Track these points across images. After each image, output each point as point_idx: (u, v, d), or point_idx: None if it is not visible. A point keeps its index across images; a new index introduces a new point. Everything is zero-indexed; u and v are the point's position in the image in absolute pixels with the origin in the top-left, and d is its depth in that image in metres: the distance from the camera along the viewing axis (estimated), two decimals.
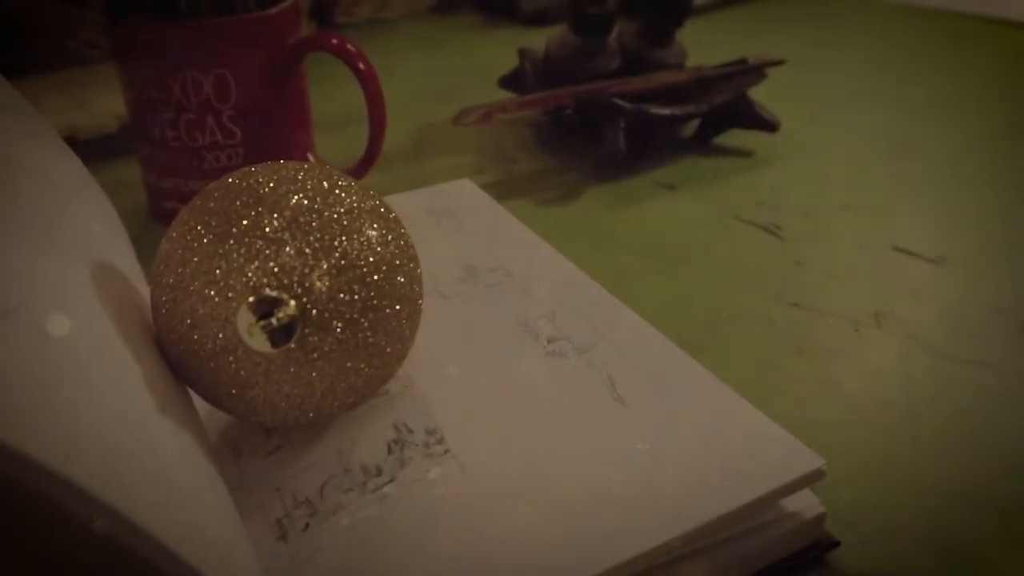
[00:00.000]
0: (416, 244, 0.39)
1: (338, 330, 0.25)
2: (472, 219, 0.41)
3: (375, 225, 0.26)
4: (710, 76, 0.56)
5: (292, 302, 0.24)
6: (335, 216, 0.25)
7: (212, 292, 0.24)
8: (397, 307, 0.26)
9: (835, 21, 0.84)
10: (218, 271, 0.24)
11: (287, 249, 0.24)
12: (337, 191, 0.26)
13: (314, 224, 0.25)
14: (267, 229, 0.24)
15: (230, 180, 0.26)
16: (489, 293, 0.35)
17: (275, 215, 0.25)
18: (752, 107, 0.55)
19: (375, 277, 0.25)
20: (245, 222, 0.25)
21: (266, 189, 0.25)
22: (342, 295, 0.24)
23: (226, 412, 0.27)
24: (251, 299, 0.23)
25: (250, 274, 0.24)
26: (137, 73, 0.44)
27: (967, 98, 0.65)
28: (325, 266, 0.24)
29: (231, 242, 0.24)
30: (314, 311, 0.24)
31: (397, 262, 0.26)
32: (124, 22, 0.43)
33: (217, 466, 0.25)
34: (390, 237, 0.26)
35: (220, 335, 0.24)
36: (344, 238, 0.25)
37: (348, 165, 0.48)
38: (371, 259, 0.25)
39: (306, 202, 0.25)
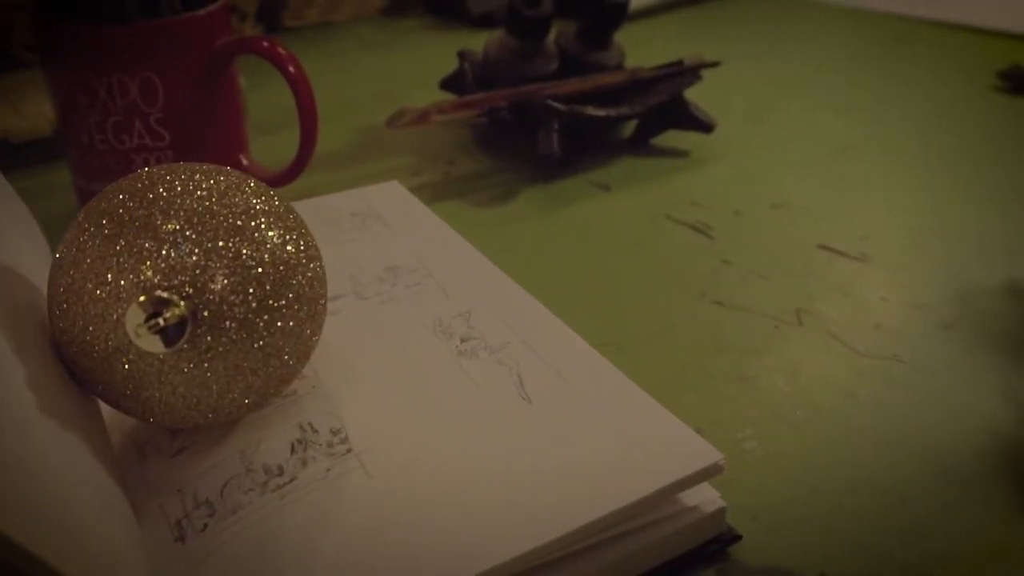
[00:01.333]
0: (338, 246, 0.39)
1: (231, 330, 0.25)
2: (397, 221, 0.41)
3: (273, 226, 0.26)
4: (646, 78, 0.56)
5: (182, 303, 0.24)
6: (230, 217, 0.25)
7: (103, 293, 0.24)
8: (295, 307, 0.26)
9: (777, 23, 0.85)
10: (109, 272, 0.24)
11: (180, 250, 0.24)
12: (234, 192, 0.26)
13: (209, 225, 0.25)
14: (160, 230, 0.24)
15: (125, 182, 0.26)
16: (408, 294, 0.35)
17: (169, 216, 0.25)
18: (688, 108, 0.56)
19: (271, 278, 0.25)
20: (138, 223, 0.25)
21: (161, 190, 0.25)
22: (234, 296, 0.24)
23: (125, 413, 0.27)
24: (141, 299, 0.23)
25: (140, 275, 0.24)
26: (63, 75, 0.44)
27: (904, 99, 0.66)
28: (218, 266, 0.24)
29: (122, 243, 0.24)
30: (206, 311, 0.24)
31: (294, 262, 0.26)
32: (49, 24, 0.43)
33: (112, 468, 0.25)
34: (289, 238, 0.26)
35: (112, 336, 0.24)
36: (238, 239, 0.25)
37: (283, 167, 0.48)
38: (267, 259, 0.25)
39: (202, 203, 0.25)
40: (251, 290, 0.25)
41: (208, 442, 0.28)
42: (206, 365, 0.25)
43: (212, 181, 0.26)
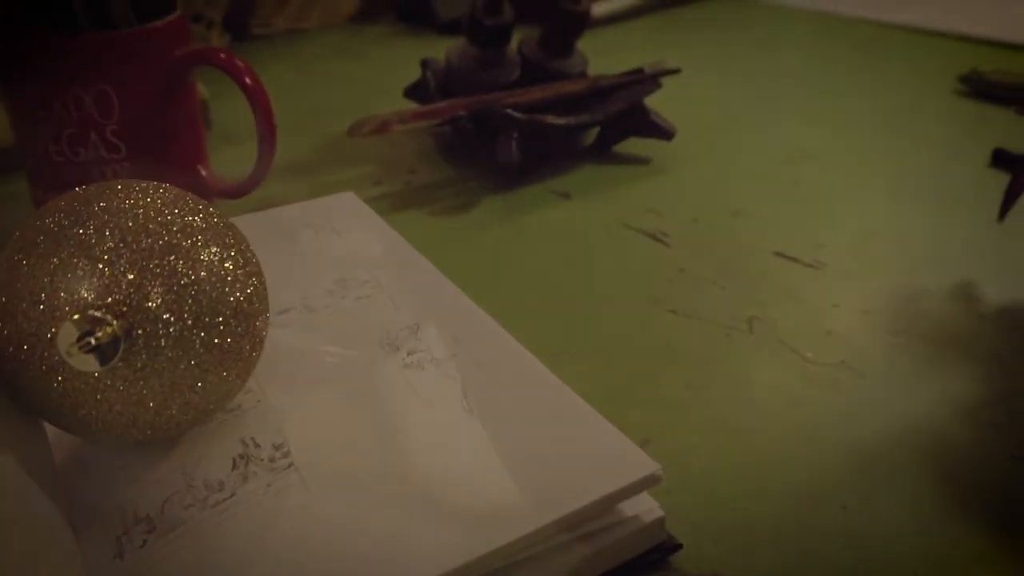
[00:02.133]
0: (291, 258, 0.39)
1: (167, 348, 0.25)
2: (351, 232, 0.41)
3: (211, 243, 0.26)
4: (606, 86, 0.57)
5: (114, 321, 0.24)
6: (166, 235, 0.25)
7: (37, 312, 0.24)
8: (233, 324, 0.26)
9: (743, 28, 0.86)
10: (43, 291, 0.24)
11: (115, 268, 0.24)
12: (171, 210, 0.26)
13: (144, 243, 0.25)
14: (95, 248, 0.25)
15: (63, 200, 0.26)
16: (357, 306, 0.36)
17: (104, 234, 0.25)
18: (648, 116, 0.56)
19: (208, 295, 0.26)
20: (72, 241, 0.25)
21: (97, 208, 0.25)
22: (169, 314, 0.25)
23: (65, 431, 0.27)
24: (75, 317, 0.23)
25: (74, 293, 0.24)
26: (16, 87, 0.44)
27: (867, 103, 0.67)
28: (153, 284, 0.25)
29: (55, 261, 0.24)
30: (140, 330, 0.24)
31: (231, 279, 0.26)
32: (1, 36, 0.43)
33: (52, 484, 0.25)
34: (226, 255, 0.26)
35: (46, 354, 0.24)
36: (174, 256, 0.25)
37: (241, 179, 0.48)
38: (203, 276, 0.25)
39: (137, 221, 0.25)
40: (187, 308, 0.25)
41: (152, 457, 0.28)
42: (142, 383, 0.25)
43: (149, 198, 0.26)
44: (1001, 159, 0.56)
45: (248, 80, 0.45)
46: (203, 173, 0.49)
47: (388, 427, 0.29)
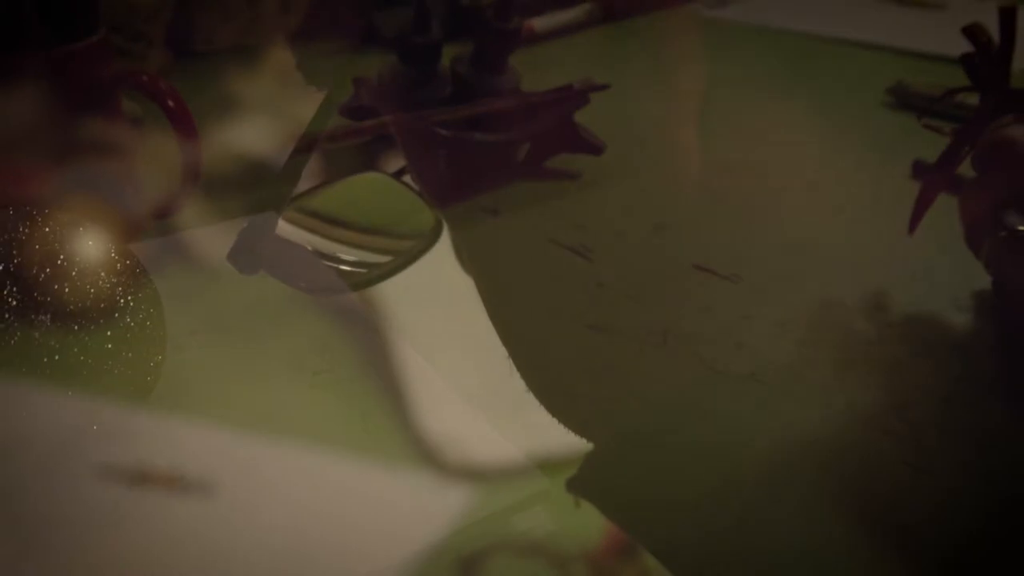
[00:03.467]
0: (209, 279, 0.39)
1: (52, 375, 0.25)
2: (268, 253, 0.41)
3: (104, 269, 0.27)
4: (535, 102, 0.57)
5: None
6: (54, 263, 0.26)
7: None
8: (123, 350, 0.27)
9: (681, 40, 0.87)
10: None
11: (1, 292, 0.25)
12: (59, 238, 0.27)
13: (31, 271, 0.25)
14: None
15: None
16: (271, 327, 0.36)
17: None
18: (576, 131, 0.57)
19: (98, 321, 0.26)
20: None
21: None
22: (54, 342, 0.25)
23: None
24: None
25: None
26: None
27: (797, 115, 0.68)
28: (38, 312, 0.25)
29: None
30: (22, 357, 0.25)
31: (123, 303, 0.27)
32: None
33: None
34: (119, 280, 0.27)
35: None
36: (59, 285, 0.25)
37: (167, 200, 0.48)
38: (90, 304, 0.26)
39: (22, 250, 0.26)
40: (73, 335, 0.25)
41: (44, 482, 0.28)
42: None
43: (36, 227, 0.26)
44: (921, 170, 0.57)
45: (170, 103, 0.45)
46: (128, 194, 0.49)
47: (291, 449, 0.30)
